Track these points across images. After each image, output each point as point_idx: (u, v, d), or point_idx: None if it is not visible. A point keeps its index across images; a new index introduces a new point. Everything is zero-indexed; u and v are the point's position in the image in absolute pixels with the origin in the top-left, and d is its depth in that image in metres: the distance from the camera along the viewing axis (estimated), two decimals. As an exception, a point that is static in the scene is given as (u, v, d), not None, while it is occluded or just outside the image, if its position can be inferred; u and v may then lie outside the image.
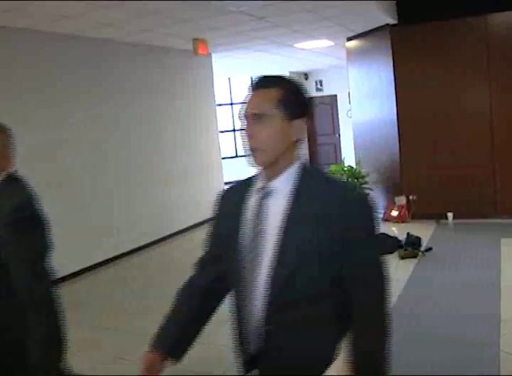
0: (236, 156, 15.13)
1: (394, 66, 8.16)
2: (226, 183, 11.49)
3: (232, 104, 15.23)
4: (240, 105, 1.71)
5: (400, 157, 8.31)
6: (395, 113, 8.24)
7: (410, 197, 8.18)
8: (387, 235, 7.02)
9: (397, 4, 8.01)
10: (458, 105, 7.89)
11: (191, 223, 9.20)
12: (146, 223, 8.15)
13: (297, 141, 1.70)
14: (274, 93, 1.63)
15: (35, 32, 6.44)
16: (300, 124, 1.67)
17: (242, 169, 13.67)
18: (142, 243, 8.07)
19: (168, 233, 8.69)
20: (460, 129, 7.87)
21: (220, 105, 12.17)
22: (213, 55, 9.80)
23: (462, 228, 7.66)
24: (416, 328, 4.38)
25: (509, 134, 7.63)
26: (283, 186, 1.68)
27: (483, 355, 3.79)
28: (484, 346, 3.92)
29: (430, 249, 6.58)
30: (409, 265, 6.14)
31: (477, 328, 4.25)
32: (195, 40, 8.28)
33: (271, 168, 1.69)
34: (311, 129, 15.97)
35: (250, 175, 1.82)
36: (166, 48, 8.69)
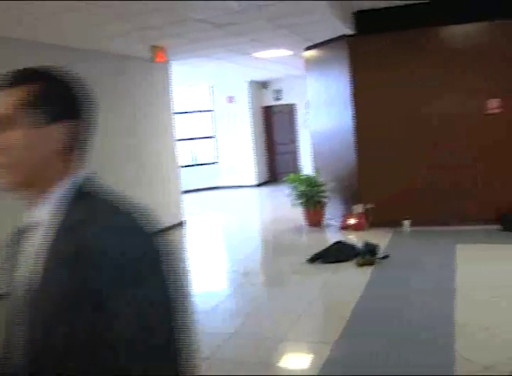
0: (195, 164, 15.11)
1: (351, 75, 8.27)
2: (185, 192, 11.44)
3: (190, 113, 15.21)
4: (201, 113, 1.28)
5: (358, 166, 8.40)
6: (353, 123, 8.34)
7: (368, 206, 8.26)
8: (344, 243, 7.08)
9: (354, 15, 8.12)
10: (415, 113, 8.03)
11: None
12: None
13: (64, 152, 1.27)
14: (19, 92, 1.22)
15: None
16: (63, 130, 1.25)
17: (201, 178, 13.70)
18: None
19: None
20: (418, 138, 8.00)
21: (179, 113, 12.13)
22: (172, 62, 9.77)
23: (419, 235, 7.77)
24: (372, 333, 4.41)
25: (467, 144, 7.79)
26: (42, 217, 1.25)
27: (439, 358, 3.84)
28: (440, 349, 3.98)
29: (387, 256, 6.64)
30: (367, 272, 6.19)
31: (433, 332, 4.31)
32: (153, 47, 8.24)
33: (27, 191, 1.26)
34: (270, 138, 16.07)
35: None
36: (124, 55, 8.61)
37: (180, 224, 9.95)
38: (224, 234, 9.87)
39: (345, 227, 8.44)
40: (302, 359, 4.29)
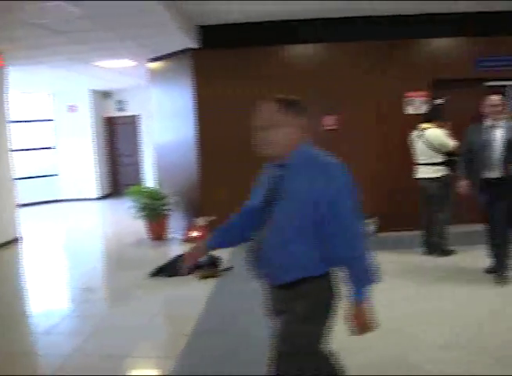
0: (34, 176, 14.36)
1: (195, 88, 8.36)
2: (22, 206, 10.85)
3: (28, 121, 14.47)
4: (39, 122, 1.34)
5: (200, 178, 8.48)
6: (196, 136, 8.42)
7: (210, 218, 8.34)
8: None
9: (200, 29, 8.22)
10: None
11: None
12: None
13: None
14: None
15: None
16: None
17: (39, 190, 13.07)
18: None
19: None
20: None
21: (15, 122, 11.50)
22: (10, 68, 9.22)
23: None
24: (215, 345, 4.46)
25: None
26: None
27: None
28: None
29: (230, 268, 6.75)
30: (210, 284, 6.26)
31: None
32: (-13, 51, 7.78)
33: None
34: (113, 149, 15.74)
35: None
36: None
37: (15, 240, 9.40)
38: (64, 249, 9.47)
39: (188, 240, 8.46)
40: (146, 375, 4.24)
